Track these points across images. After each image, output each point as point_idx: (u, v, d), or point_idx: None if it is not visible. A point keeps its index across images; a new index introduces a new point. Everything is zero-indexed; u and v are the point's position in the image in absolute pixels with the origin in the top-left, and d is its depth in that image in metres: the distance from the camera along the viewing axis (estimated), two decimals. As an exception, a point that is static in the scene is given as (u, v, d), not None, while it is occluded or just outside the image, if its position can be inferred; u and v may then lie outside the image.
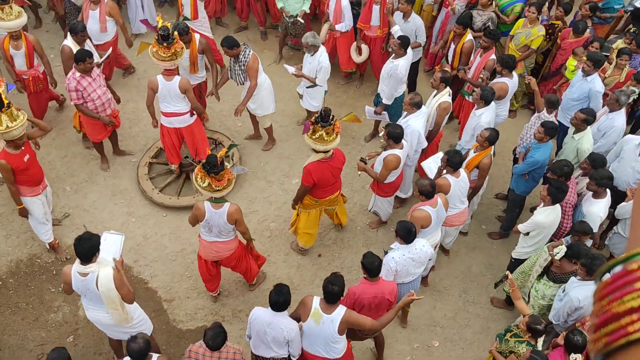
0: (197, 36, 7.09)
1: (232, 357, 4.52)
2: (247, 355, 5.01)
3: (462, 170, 5.84)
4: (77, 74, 6.40)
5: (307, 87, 7.43)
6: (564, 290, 5.05)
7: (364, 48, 8.19)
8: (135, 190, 7.28)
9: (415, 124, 6.33)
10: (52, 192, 6.59)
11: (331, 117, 5.57)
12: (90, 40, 7.25)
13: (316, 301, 4.62)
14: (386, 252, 5.29)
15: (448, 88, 6.63)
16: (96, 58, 6.89)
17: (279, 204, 7.22)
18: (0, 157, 5.63)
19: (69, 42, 6.83)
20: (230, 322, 6.07)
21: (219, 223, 5.37)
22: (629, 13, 8.64)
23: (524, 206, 6.81)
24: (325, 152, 5.73)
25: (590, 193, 5.77)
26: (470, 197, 6.25)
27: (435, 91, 6.68)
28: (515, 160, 6.73)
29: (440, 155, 6.15)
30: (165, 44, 6.13)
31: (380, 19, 7.87)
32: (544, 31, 7.69)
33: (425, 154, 6.89)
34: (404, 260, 5.15)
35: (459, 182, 5.80)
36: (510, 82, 6.74)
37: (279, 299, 4.54)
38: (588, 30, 7.79)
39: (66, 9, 8.29)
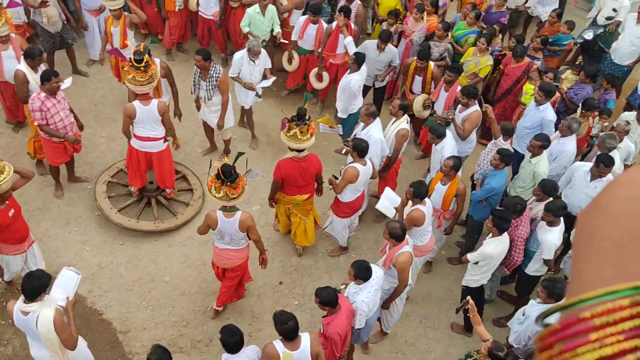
0: (157, 60, 7.05)
1: None
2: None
3: (427, 201, 5.85)
4: (42, 94, 6.27)
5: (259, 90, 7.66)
6: (524, 313, 5.13)
7: (325, 75, 8.31)
8: (90, 217, 7.08)
9: (376, 134, 6.42)
10: (40, 250, 6.13)
11: (307, 117, 5.78)
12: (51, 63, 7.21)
13: (279, 346, 4.50)
14: (338, 291, 5.19)
15: (406, 115, 6.75)
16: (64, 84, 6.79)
17: (239, 231, 7.13)
18: None
19: (23, 67, 6.67)
20: (188, 353, 5.91)
21: (231, 231, 5.47)
22: (578, 45, 9.04)
23: (482, 231, 6.92)
24: (298, 151, 5.93)
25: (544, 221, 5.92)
26: (453, 225, 6.41)
27: (394, 118, 6.78)
28: (474, 187, 6.86)
29: (389, 194, 6.08)
30: (142, 68, 6.06)
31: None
32: (492, 61, 7.96)
33: (385, 180, 6.97)
34: (372, 296, 5.04)
35: (428, 210, 5.81)
36: (478, 108, 6.95)
37: (230, 340, 4.42)
38: (540, 63, 8.11)
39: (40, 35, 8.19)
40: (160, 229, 6.89)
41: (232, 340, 4.43)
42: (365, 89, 8.13)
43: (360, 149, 5.96)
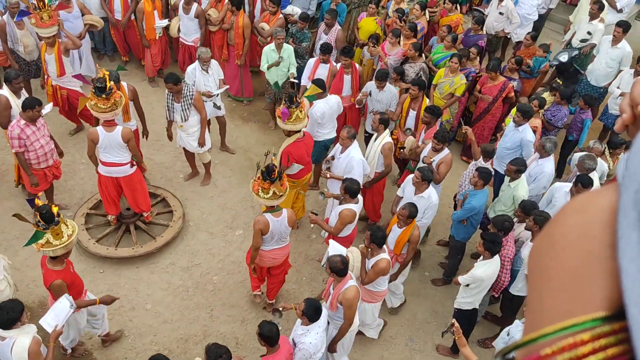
0: (124, 84, 7.06)
1: None
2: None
3: (385, 247, 5.61)
4: (22, 122, 6.23)
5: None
6: (509, 333, 5.12)
7: None
8: (70, 245, 6.96)
9: (357, 155, 6.44)
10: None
11: (295, 98, 6.38)
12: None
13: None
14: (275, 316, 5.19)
15: (387, 130, 6.82)
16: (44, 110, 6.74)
17: (221, 256, 7.07)
18: (56, 277, 4.98)
19: (5, 92, 6.63)
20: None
21: (281, 229, 5.70)
22: (554, 67, 9.23)
23: (465, 252, 6.95)
24: (299, 131, 6.52)
25: (528, 239, 5.95)
26: (400, 270, 6.14)
27: (376, 134, 6.84)
28: (456, 207, 6.89)
29: (334, 245, 5.66)
30: (104, 96, 6.02)
31: (352, 87, 8.04)
32: (465, 79, 8.07)
33: (372, 195, 7.08)
34: (320, 338, 4.88)
35: (389, 257, 5.63)
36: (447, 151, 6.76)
37: None
38: (516, 83, 8.25)
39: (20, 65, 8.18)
40: (139, 254, 6.79)
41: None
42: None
43: (352, 191, 5.85)
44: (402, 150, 7.41)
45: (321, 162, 7.70)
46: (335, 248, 5.55)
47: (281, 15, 8.83)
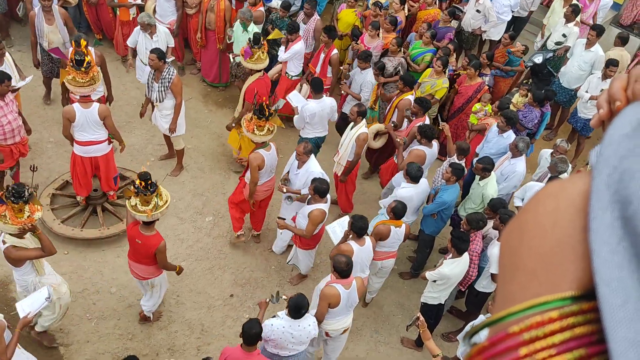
0: (92, 49, 6.95)
1: None
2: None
3: (367, 239, 5.68)
4: None
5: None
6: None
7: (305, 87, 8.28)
8: (34, 225, 6.81)
9: (316, 168, 6.25)
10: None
11: (260, 39, 7.00)
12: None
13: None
14: (273, 298, 5.18)
15: (364, 120, 6.82)
16: (14, 82, 6.57)
17: (190, 242, 7.01)
18: (160, 239, 5.36)
19: None
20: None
21: (272, 163, 6.38)
22: (528, 68, 9.35)
23: (434, 247, 7.01)
24: (259, 71, 7.14)
25: (495, 237, 6.04)
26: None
27: (352, 123, 6.84)
28: (427, 201, 6.95)
29: (345, 219, 6.06)
30: (82, 69, 5.89)
31: (321, 67, 8.03)
32: (448, 83, 8.12)
33: (345, 184, 7.02)
34: (281, 333, 4.86)
35: (363, 250, 5.62)
36: (429, 151, 6.78)
37: None
38: (487, 78, 8.34)
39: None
40: (106, 235, 6.68)
41: None
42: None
43: (321, 191, 5.81)
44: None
45: None
46: (342, 223, 5.96)
47: (261, 8, 8.73)
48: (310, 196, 5.98)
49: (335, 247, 5.72)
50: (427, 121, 7.25)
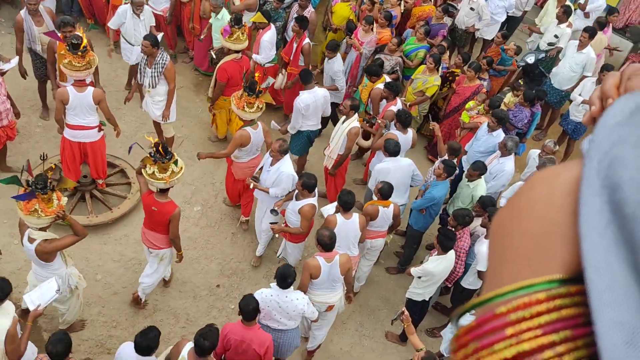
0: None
1: None
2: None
3: (355, 215, 5.76)
4: None
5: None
6: (456, 324, 5.23)
7: (280, 77, 8.28)
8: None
9: (287, 169, 6.12)
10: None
11: (242, 20, 7.11)
12: None
13: (186, 349, 4.39)
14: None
15: (356, 114, 6.83)
16: (5, 65, 6.50)
17: (178, 231, 6.97)
18: (175, 206, 5.42)
19: None
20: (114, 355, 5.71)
21: (258, 140, 6.44)
22: (520, 68, 9.39)
23: (421, 243, 7.04)
24: (237, 52, 7.16)
25: (483, 235, 6.08)
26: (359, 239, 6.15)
27: (344, 117, 6.84)
28: (416, 197, 6.98)
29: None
30: (79, 53, 5.84)
31: (292, 56, 8.02)
32: (440, 82, 8.14)
33: (335, 178, 7.04)
34: (269, 301, 4.95)
35: (348, 223, 5.69)
36: (402, 137, 6.79)
37: (143, 343, 4.28)
38: (486, 83, 8.36)
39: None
40: (94, 223, 6.64)
41: (139, 340, 4.29)
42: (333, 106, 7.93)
43: (309, 186, 5.79)
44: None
45: (305, 154, 7.66)
46: (330, 212, 6.00)
47: None
48: (297, 192, 5.97)
49: (324, 221, 5.82)
50: (399, 105, 7.28)
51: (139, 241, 6.69)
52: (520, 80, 9.09)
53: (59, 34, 6.57)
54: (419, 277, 5.79)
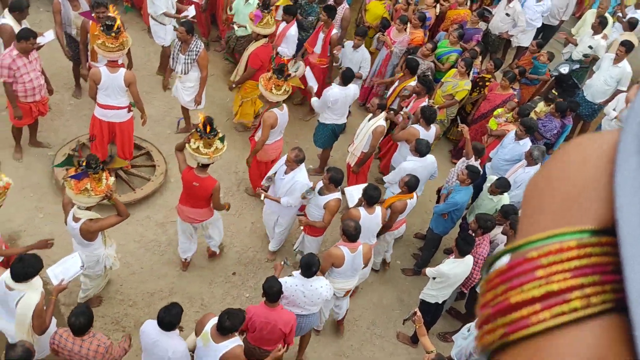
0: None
1: (95, 349, 4.28)
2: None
3: (378, 208, 5.84)
4: (15, 52, 6.12)
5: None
6: (469, 329, 5.21)
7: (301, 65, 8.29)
8: (47, 185, 6.90)
9: (302, 178, 6.06)
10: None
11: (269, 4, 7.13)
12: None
13: (210, 324, 4.50)
14: (285, 263, 5.47)
15: (384, 113, 6.82)
16: (40, 39, 6.63)
17: (199, 217, 7.06)
18: (215, 181, 5.67)
19: (9, 21, 6.52)
20: (130, 333, 5.80)
21: (284, 121, 6.65)
22: (553, 78, 9.26)
23: (440, 247, 7.01)
24: (266, 37, 7.30)
25: (503, 243, 6.03)
26: (378, 234, 6.23)
27: (371, 115, 6.85)
28: (439, 201, 6.95)
29: (363, 186, 6.20)
30: (113, 34, 5.95)
31: (322, 48, 8.03)
32: (470, 86, 8.07)
33: (357, 175, 7.05)
34: (293, 290, 5.08)
35: (371, 218, 5.76)
36: (423, 132, 6.81)
37: (165, 318, 4.38)
38: (516, 92, 8.27)
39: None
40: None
41: (162, 316, 4.40)
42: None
43: (337, 180, 5.86)
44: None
45: (329, 148, 7.68)
46: (359, 188, 6.05)
47: None
48: (321, 186, 6.00)
49: (347, 211, 5.89)
50: (427, 103, 7.34)
51: (160, 224, 6.81)
52: (553, 91, 8.97)
53: (93, 15, 6.68)
54: (434, 279, 5.78)
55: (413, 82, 7.57)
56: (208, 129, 5.34)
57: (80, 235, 5.05)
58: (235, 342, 4.48)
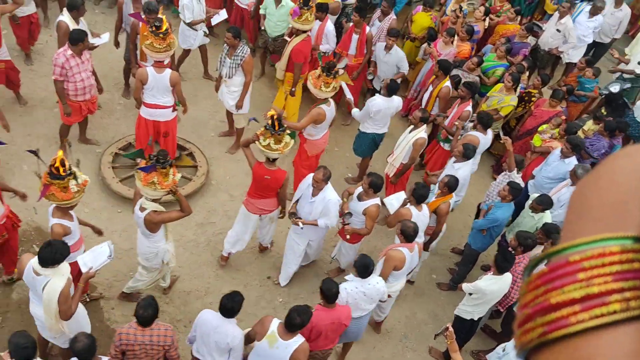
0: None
1: (164, 334, 4.48)
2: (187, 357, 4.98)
3: (424, 206, 5.95)
4: (69, 52, 6.36)
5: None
6: (504, 349, 5.11)
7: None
8: (93, 181, 7.08)
9: (333, 196, 5.86)
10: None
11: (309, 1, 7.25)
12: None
13: (275, 324, 4.59)
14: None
15: (425, 126, 6.82)
16: (96, 40, 6.93)
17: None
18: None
19: (66, 19, 6.78)
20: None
21: (331, 118, 6.94)
22: (603, 96, 9.03)
23: (477, 263, 6.91)
24: (305, 31, 7.46)
25: (543, 264, 5.89)
26: (428, 243, 6.31)
27: (412, 126, 6.83)
28: (478, 216, 6.85)
29: (401, 194, 6.26)
30: (161, 35, 6.12)
31: (357, 48, 8.11)
32: (516, 102, 7.94)
33: (395, 186, 7.03)
34: (355, 293, 5.18)
35: (420, 216, 5.88)
36: (483, 138, 6.90)
37: (228, 304, 4.57)
38: (563, 110, 8.10)
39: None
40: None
41: (226, 303, 4.60)
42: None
43: (378, 186, 5.93)
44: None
45: (368, 157, 7.70)
46: (398, 197, 6.18)
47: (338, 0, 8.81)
48: (361, 191, 6.00)
49: (394, 213, 5.97)
50: (470, 108, 7.38)
51: (199, 224, 6.92)
52: (602, 109, 8.75)
53: (143, 17, 6.89)
54: (470, 295, 5.69)
55: (447, 82, 7.68)
56: (277, 126, 5.57)
57: (144, 225, 5.28)
58: (301, 338, 4.60)
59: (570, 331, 0.48)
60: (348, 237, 6.21)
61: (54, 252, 4.36)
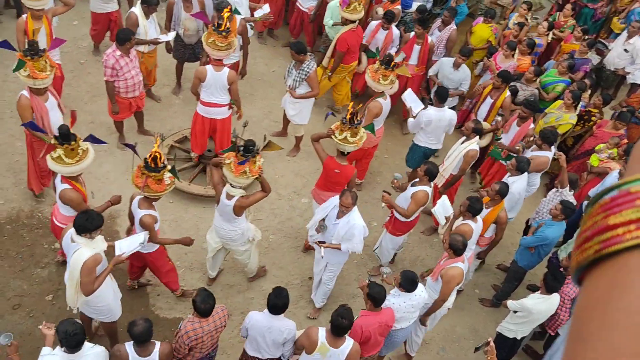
0: (238, 17, 7.42)
1: (222, 314, 4.68)
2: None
3: (479, 219, 5.90)
4: (118, 53, 6.56)
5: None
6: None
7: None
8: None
9: (359, 221, 5.62)
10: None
11: None
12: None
13: (322, 334, 4.60)
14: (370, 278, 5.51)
15: (477, 137, 6.72)
16: (162, 37, 7.29)
17: (283, 218, 7.24)
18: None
19: (137, 10, 7.08)
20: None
21: (387, 111, 7.10)
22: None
23: (523, 281, 6.75)
24: (354, 22, 7.63)
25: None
26: (488, 250, 6.48)
27: (464, 137, 6.76)
28: (526, 232, 6.70)
29: (445, 202, 6.21)
30: (223, 34, 6.27)
31: (419, 58, 8.12)
32: (575, 120, 7.72)
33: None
34: (404, 307, 5.15)
35: (477, 228, 5.87)
36: (550, 155, 6.82)
37: (278, 303, 4.64)
38: (624, 132, 7.84)
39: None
40: (209, 194, 7.04)
41: (275, 301, 4.65)
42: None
43: (432, 173, 6.02)
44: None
45: (417, 169, 7.64)
46: (444, 204, 6.18)
47: (398, 7, 8.80)
48: (417, 179, 6.12)
49: (455, 228, 5.89)
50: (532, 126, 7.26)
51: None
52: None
53: (215, 14, 7.07)
54: (515, 312, 5.56)
55: (508, 92, 7.60)
56: (355, 120, 5.75)
57: (232, 212, 5.48)
58: (350, 340, 4.63)
59: (623, 246, 0.53)
60: (383, 205, 6.35)
61: (87, 220, 4.51)
